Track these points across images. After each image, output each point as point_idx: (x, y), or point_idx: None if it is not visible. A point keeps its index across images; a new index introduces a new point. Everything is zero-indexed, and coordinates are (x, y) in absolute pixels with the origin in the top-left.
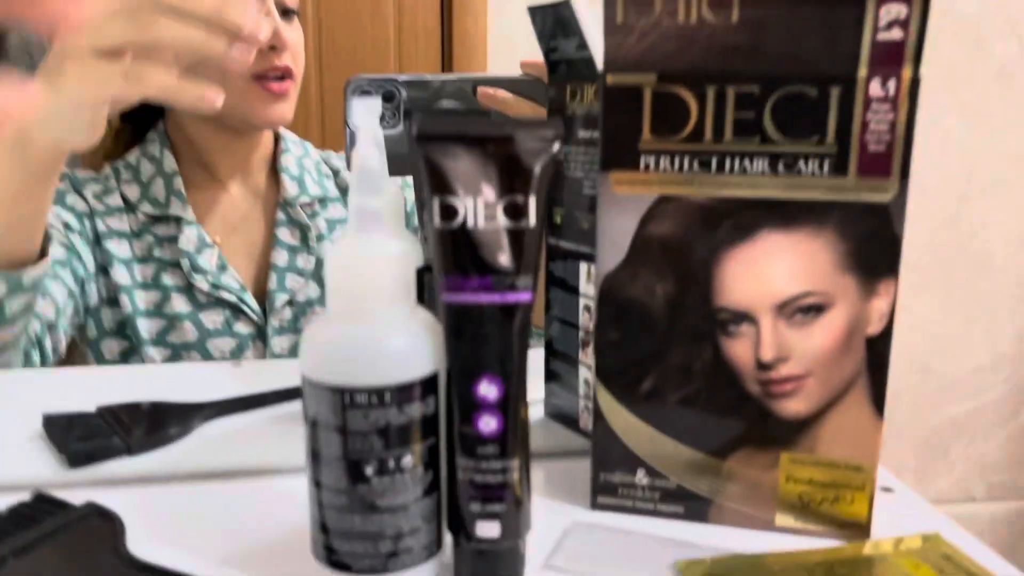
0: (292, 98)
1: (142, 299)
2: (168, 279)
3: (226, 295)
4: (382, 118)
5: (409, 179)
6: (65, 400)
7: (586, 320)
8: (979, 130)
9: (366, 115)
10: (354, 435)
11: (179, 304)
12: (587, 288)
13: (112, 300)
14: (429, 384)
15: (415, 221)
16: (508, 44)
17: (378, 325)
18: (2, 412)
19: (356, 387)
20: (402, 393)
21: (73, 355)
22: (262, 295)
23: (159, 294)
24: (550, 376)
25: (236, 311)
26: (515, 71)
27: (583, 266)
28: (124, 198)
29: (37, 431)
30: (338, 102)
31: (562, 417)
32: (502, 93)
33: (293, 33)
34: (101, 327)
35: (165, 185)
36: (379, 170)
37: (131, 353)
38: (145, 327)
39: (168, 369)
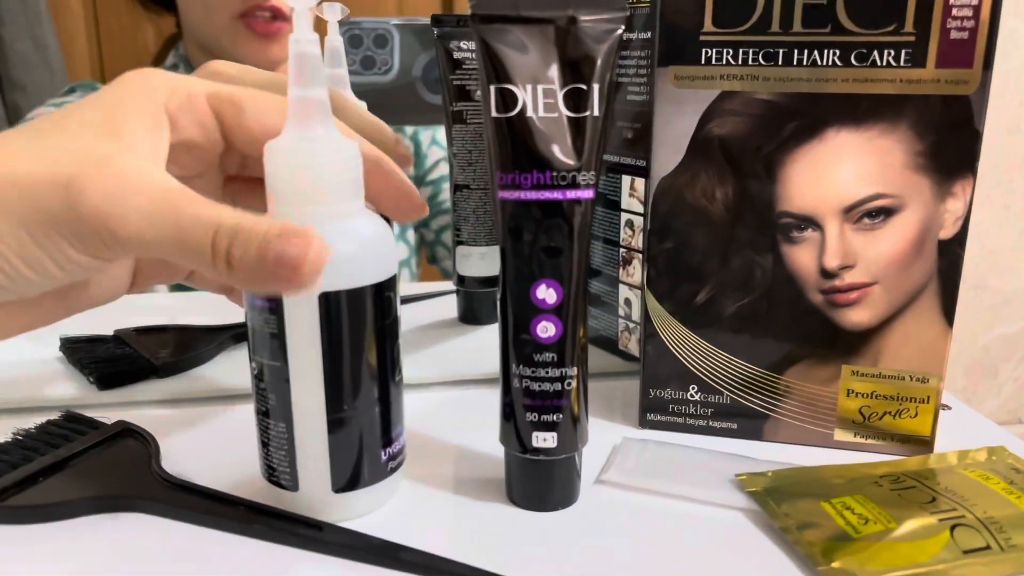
0: (285, 38)
1: None
2: None
3: None
4: (374, 64)
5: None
6: (77, 324)
7: (627, 237)
8: None
9: None
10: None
11: None
12: (629, 203)
13: None
14: (381, 291)
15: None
16: None
17: (322, 229)
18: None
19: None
20: (352, 300)
21: None
22: None
23: None
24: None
25: None
26: None
27: (625, 179)
28: None
29: (54, 354)
30: None
31: (600, 340)
32: None
33: None
34: None
35: None
36: (318, 56)
37: None
38: None
39: (185, 297)
